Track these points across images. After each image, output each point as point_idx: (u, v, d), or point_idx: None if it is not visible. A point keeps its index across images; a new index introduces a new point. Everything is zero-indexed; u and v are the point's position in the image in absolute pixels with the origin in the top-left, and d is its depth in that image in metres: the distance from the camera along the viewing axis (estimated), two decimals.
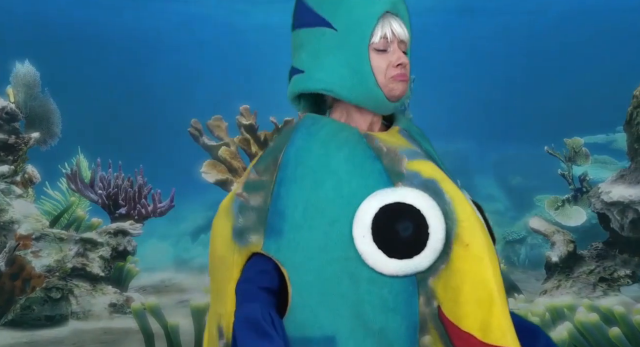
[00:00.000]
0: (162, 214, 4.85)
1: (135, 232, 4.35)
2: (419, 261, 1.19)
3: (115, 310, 4.02)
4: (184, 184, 5.88)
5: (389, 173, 1.23)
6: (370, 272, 1.19)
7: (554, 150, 5.89)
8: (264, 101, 6.09)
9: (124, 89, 8.19)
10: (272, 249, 1.21)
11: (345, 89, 1.30)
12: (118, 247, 4.28)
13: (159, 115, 5.69)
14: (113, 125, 7.70)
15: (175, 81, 8.32)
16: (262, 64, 9.52)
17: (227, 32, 10.13)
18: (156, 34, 8.57)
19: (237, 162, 5.15)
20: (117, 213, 4.66)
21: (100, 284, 4.17)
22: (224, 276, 1.28)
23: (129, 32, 8.38)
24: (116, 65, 7.97)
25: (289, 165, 1.25)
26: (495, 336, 1.16)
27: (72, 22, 8.74)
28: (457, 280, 1.18)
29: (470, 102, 8.42)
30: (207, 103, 5.60)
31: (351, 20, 1.29)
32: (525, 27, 9.87)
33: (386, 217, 1.20)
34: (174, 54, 9.30)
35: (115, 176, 4.75)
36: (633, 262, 5.10)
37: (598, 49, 9.82)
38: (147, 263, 6.83)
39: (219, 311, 1.30)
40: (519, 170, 7.70)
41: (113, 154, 4.94)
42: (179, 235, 8.42)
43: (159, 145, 5.60)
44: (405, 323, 1.20)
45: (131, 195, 4.68)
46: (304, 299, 1.20)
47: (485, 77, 8.99)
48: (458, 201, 1.23)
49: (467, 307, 1.17)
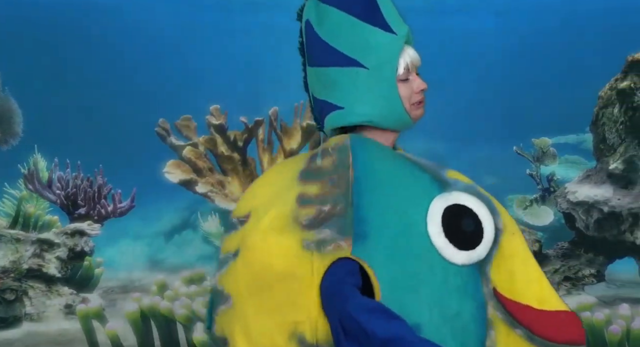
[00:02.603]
0: (122, 214, 4.81)
1: (93, 232, 4.31)
2: (480, 250, 1.44)
3: (71, 311, 3.98)
4: (158, 184, 5.83)
5: (437, 181, 1.49)
6: (445, 264, 1.41)
7: (522, 151, 5.92)
8: (235, 101, 6.07)
9: (89, 87, 8.03)
10: (359, 251, 1.40)
11: (383, 118, 1.55)
12: (75, 247, 4.24)
13: (126, 114, 5.63)
14: (76, 125, 7.62)
15: (142, 80, 8.20)
16: (237, 64, 9.50)
17: (199, 33, 10.10)
18: (123, 32, 8.41)
19: (202, 162, 5.13)
20: (77, 213, 4.62)
21: (56, 285, 4.12)
22: (293, 286, 1.43)
23: (92, 29, 8.24)
24: (79, 63, 7.83)
25: (361, 180, 1.48)
26: (549, 303, 1.46)
27: (32, 20, 8.60)
28: (509, 264, 1.46)
29: (444, 102, 8.45)
30: (176, 103, 5.57)
31: (380, 59, 1.53)
32: (493, 28, 9.93)
33: (451, 216, 1.44)
34: (141, 52, 9.15)
35: (74, 176, 4.71)
36: (597, 261, 5.14)
37: (567, 47, 9.90)
38: (117, 263, 6.79)
39: (294, 320, 1.42)
40: (493, 170, 7.73)
41: (74, 154, 4.88)
42: (153, 235, 8.38)
43: (124, 145, 5.53)
44: (476, 304, 1.44)
45: (90, 195, 4.64)
46: (392, 293, 1.39)
47: (460, 77, 9.05)
48: (492, 199, 1.49)
49: (521, 285, 1.46)
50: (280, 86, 5.20)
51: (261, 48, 9.07)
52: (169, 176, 4.85)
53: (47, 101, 7.05)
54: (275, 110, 5.63)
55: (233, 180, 5.18)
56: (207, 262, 6.99)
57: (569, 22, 9.64)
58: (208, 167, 5.13)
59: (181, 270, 5.51)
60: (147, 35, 9.02)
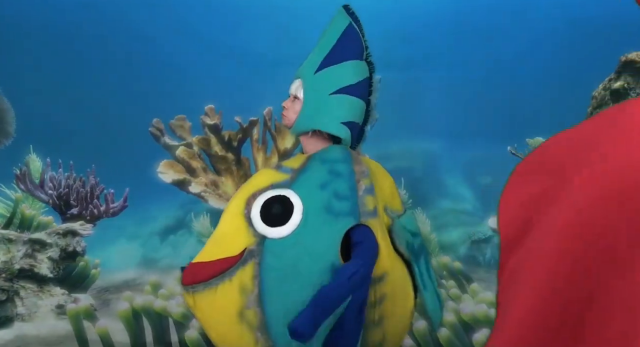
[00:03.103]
0: (114, 214, 4.80)
1: (86, 232, 4.30)
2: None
3: (62, 312, 3.96)
4: (154, 184, 5.81)
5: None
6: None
7: (516, 150, 5.91)
8: (230, 101, 6.05)
9: (83, 87, 7.95)
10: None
11: None
12: (67, 248, 4.22)
13: (120, 114, 5.59)
14: (71, 125, 7.56)
15: (136, 80, 8.15)
16: (231, 63, 9.46)
17: (195, 32, 10.06)
18: (118, 31, 8.33)
19: (195, 162, 5.11)
20: (69, 213, 4.60)
21: (47, 285, 4.11)
22: None
23: (87, 29, 8.16)
24: (73, 63, 7.76)
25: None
26: None
27: (24, 19, 8.52)
28: None
29: (439, 101, 8.43)
30: (170, 103, 5.56)
31: None
32: (486, 27, 9.91)
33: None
34: (137, 51, 9.08)
35: (67, 176, 4.69)
36: None
37: (560, 47, 9.90)
38: (112, 264, 6.76)
39: None
40: (488, 170, 7.71)
41: (68, 154, 4.87)
42: (147, 235, 8.35)
43: (119, 145, 5.50)
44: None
45: (83, 195, 4.63)
46: None
47: (454, 76, 9.03)
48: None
49: None
50: (274, 86, 5.19)
51: (257, 47, 9.07)
52: (162, 176, 4.84)
53: (40, 101, 7.00)
54: (269, 110, 5.63)
55: (227, 180, 5.17)
56: None
57: (563, 23, 9.65)
58: (202, 167, 5.12)
59: (176, 270, 5.49)
60: (143, 35, 8.97)
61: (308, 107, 2.35)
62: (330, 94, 2.34)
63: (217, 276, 2.08)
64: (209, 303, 2.09)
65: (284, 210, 2.12)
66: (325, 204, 2.16)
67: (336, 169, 2.29)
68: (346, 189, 2.22)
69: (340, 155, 2.33)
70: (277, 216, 2.14)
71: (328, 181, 2.23)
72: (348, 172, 2.28)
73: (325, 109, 2.34)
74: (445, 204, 7.62)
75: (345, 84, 2.36)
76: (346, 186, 2.23)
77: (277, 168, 2.34)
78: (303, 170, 2.26)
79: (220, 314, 2.07)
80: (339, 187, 2.22)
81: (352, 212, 2.17)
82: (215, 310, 2.07)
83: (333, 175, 2.26)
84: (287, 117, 2.38)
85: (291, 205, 2.12)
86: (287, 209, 2.12)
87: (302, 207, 2.11)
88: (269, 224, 2.13)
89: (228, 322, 2.06)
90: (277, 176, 2.28)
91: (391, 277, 2.24)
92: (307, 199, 2.15)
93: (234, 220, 2.17)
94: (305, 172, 2.25)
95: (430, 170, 7.60)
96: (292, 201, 2.13)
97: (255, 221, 2.14)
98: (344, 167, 2.30)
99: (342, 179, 2.25)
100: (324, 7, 4.64)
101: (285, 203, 2.14)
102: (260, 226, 2.13)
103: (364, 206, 2.20)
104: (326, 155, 2.33)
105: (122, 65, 6.76)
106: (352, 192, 2.24)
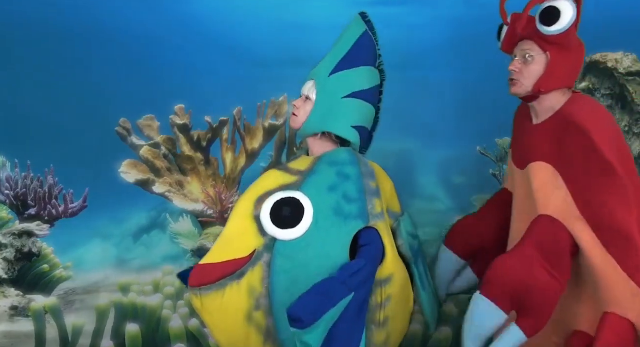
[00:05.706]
0: (73, 214, 4.77)
1: (42, 233, 4.27)
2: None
3: (17, 313, 3.93)
4: (125, 184, 5.77)
5: None
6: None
7: (486, 151, 5.94)
8: (200, 101, 6.01)
9: (42, 84, 7.80)
10: None
11: None
12: (23, 248, 4.19)
13: (84, 114, 5.51)
14: (30, 125, 7.43)
15: (101, 79, 8.02)
16: (200, 62, 9.40)
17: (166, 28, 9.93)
18: (84, 26, 8.17)
19: (160, 162, 5.09)
20: (27, 214, 4.57)
21: (2, 286, 4.07)
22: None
23: (49, 22, 8.00)
24: (33, 59, 7.60)
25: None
26: None
27: None
28: None
29: (413, 101, 8.43)
30: (138, 102, 5.53)
31: None
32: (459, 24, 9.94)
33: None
34: (103, 49, 8.92)
35: (24, 175, 4.66)
36: None
37: None
38: (83, 265, 6.69)
39: None
40: (462, 170, 7.74)
41: (28, 154, 4.83)
42: (121, 235, 8.28)
43: (83, 144, 5.43)
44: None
45: (41, 195, 4.60)
46: None
47: (430, 76, 9.03)
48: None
49: None
50: (242, 85, 5.19)
51: (227, 45, 9.00)
52: (124, 176, 4.83)
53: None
54: (239, 110, 5.64)
55: (193, 180, 5.15)
56: (175, 263, 6.93)
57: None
58: (166, 167, 5.09)
59: (149, 270, 5.48)
60: (116, 32, 8.88)
61: (320, 109, 2.29)
62: (342, 97, 2.30)
63: (226, 277, 2.03)
64: (217, 305, 2.05)
65: (295, 212, 2.07)
66: (334, 207, 2.13)
67: (344, 172, 2.26)
68: (355, 192, 2.20)
69: (348, 158, 2.31)
70: (288, 218, 2.09)
71: (337, 184, 2.20)
72: (356, 175, 2.28)
73: (337, 111, 2.28)
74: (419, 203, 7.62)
75: (358, 88, 2.34)
76: (354, 189, 2.22)
77: (284, 170, 2.29)
78: (311, 172, 2.21)
79: (228, 316, 2.04)
80: (348, 190, 2.20)
81: (361, 215, 2.15)
82: (223, 312, 2.04)
83: (342, 177, 2.23)
84: (298, 117, 2.32)
85: (302, 207, 2.08)
86: (297, 211, 2.07)
87: (312, 209, 2.07)
88: (280, 226, 2.07)
89: (236, 324, 2.04)
90: (284, 177, 2.25)
91: (397, 279, 2.26)
92: (317, 202, 2.11)
93: (243, 222, 2.13)
94: (313, 174, 2.20)
95: (405, 170, 7.60)
96: (302, 203, 2.07)
97: (265, 223, 2.11)
98: (352, 170, 2.29)
99: (351, 182, 2.23)
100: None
101: (295, 205, 2.08)
102: (270, 227, 2.09)
103: (372, 208, 2.19)
104: (334, 157, 2.29)
105: (87, 61, 6.68)
106: (361, 194, 2.23)
